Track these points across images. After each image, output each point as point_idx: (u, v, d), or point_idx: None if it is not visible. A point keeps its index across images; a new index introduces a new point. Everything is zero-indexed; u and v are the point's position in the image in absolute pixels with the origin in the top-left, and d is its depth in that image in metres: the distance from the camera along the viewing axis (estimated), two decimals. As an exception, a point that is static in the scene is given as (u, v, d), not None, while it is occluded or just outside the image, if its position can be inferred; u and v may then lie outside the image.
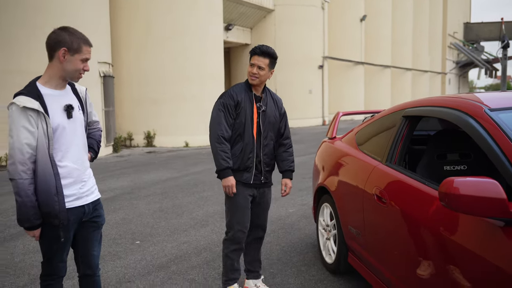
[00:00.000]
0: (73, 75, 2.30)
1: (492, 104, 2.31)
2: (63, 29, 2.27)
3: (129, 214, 5.74)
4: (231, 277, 3.21)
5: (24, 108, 2.16)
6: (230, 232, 3.15)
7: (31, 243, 4.61)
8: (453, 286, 2.09)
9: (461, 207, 1.82)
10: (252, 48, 3.12)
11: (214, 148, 3.03)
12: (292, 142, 3.39)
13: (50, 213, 2.25)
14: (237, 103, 3.05)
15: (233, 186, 3.02)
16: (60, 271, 2.47)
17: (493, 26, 44.99)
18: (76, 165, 2.36)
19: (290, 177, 3.28)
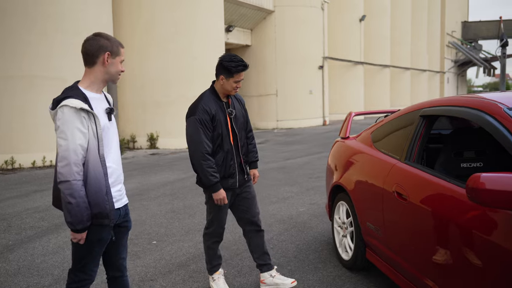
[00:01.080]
0: (115, 77, 2.41)
1: (510, 103, 2.40)
2: (98, 35, 2.37)
3: (142, 215, 5.82)
4: (215, 263, 3.46)
5: (78, 109, 2.22)
6: (211, 227, 3.39)
7: (49, 245, 4.69)
8: (479, 278, 2.18)
9: (487, 201, 1.92)
10: (233, 67, 3.12)
11: (200, 166, 3.13)
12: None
13: (101, 213, 2.29)
14: (213, 116, 3.15)
15: (224, 198, 3.20)
16: (93, 276, 2.48)
17: (491, 24, 45.21)
18: (117, 166, 2.44)
19: (257, 166, 3.53)
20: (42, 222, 5.59)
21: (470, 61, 42.07)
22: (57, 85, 10.19)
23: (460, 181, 2.44)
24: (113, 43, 2.36)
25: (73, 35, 10.46)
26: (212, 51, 14.24)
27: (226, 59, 3.16)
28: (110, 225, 2.34)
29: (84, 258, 2.39)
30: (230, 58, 3.16)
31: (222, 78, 3.17)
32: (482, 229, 2.19)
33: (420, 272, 2.66)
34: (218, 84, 3.24)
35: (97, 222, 2.30)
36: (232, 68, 3.12)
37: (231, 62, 3.13)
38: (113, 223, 2.35)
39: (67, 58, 10.34)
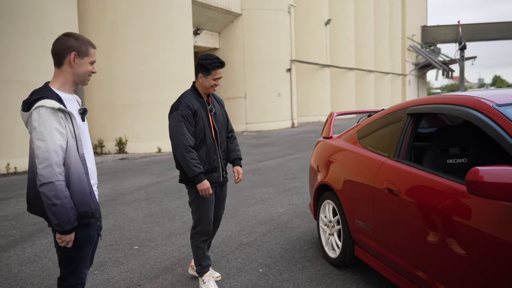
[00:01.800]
0: (84, 78, 2.35)
1: (498, 101, 2.51)
2: (67, 35, 2.32)
3: (119, 221, 5.68)
4: (204, 265, 3.49)
5: (55, 110, 2.18)
6: (198, 226, 3.43)
7: (25, 254, 4.50)
8: (474, 269, 2.26)
9: (486, 193, 1.99)
10: (209, 63, 3.27)
11: (183, 158, 3.22)
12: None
13: (87, 212, 2.26)
14: (194, 112, 3.29)
15: (209, 188, 3.26)
16: (84, 279, 2.44)
17: (449, 28, 47.03)
18: (94, 167, 2.43)
19: (240, 164, 3.64)
20: (13, 230, 5.37)
21: (429, 64, 43.59)
22: (18, 90, 9.84)
23: (451, 176, 2.52)
24: (82, 43, 2.31)
25: (37, 37, 10.12)
26: (182, 54, 14.11)
27: (202, 58, 3.34)
28: (96, 223, 2.34)
29: (74, 260, 2.35)
30: (206, 57, 3.33)
31: (201, 76, 3.34)
32: (475, 221, 2.27)
33: (413, 265, 2.73)
34: (198, 83, 3.40)
35: (84, 222, 2.28)
36: (208, 65, 3.28)
37: (206, 60, 3.30)
38: (99, 221, 2.36)
39: (30, 61, 9.99)
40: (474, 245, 2.27)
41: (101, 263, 4.19)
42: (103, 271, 3.99)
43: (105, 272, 3.96)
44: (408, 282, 2.84)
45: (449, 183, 2.49)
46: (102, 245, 4.72)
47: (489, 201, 2.20)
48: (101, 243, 4.79)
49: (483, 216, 2.24)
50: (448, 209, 2.44)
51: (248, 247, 4.49)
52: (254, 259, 4.14)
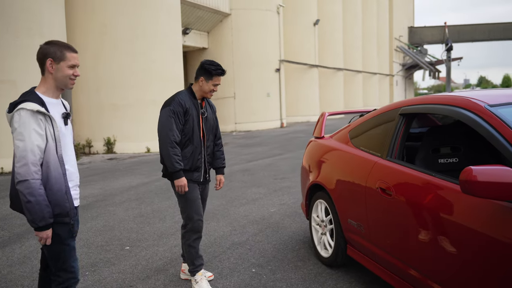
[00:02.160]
0: (64, 82, 2.43)
1: (489, 101, 2.55)
2: (47, 43, 2.44)
3: (109, 221, 5.64)
4: (197, 264, 3.53)
5: (34, 112, 2.29)
6: (189, 223, 3.47)
7: (14, 255, 4.45)
8: (466, 268, 2.29)
9: (480, 192, 2.02)
10: (212, 69, 3.39)
11: (166, 152, 3.32)
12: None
13: (62, 212, 2.39)
14: (186, 110, 3.39)
15: (185, 185, 3.36)
16: (77, 272, 2.55)
17: (435, 30, 47.54)
18: (74, 169, 2.55)
19: (223, 172, 3.78)
20: (1, 231, 5.29)
21: (416, 64, 44.03)
22: (6, 89, 9.70)
23: (444, 175, 2.56)
24: (57, 48, 2.40)
25: (24, 37, 9.99)
26: (170, 54, 14.04)
27: (207, 62, 3.45)
28: (71, 222, 2.45)
29: (61, 255, 2.47)
30: (211, 62, 3.45)
31: (202, 80, 3.43)
32: (468, 220, 2.30)
33: (406, 264, 2.76)
34: (197, 85, 3.48)
35: (59, 220, 2.39)
36: (212, 71, 3.40)
37: (211, 66, 3.42)
38: (73, 220, 2.46)
39: (18, 60, 9.85)
40: (466, 243, 2.31)
41: (92, 264, 4.15)
42: (94, 272, 3.96)
43: (97, 273, 3.93)
44: (400, 281, 2.87)
45: (442, 182, 2.52)
46: (92, 246, 4.68)
47: (482, 200, 2.24)
48: (92, 243, 4.75)
49: (475, 215, 2.28)
50: (441, 208, 2.47)
51: (240, 247, 4.49)
52: (246, 259, 4.15)
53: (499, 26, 46.90)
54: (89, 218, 5.78)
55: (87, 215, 5.93)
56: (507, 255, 2.07)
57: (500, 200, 2.05)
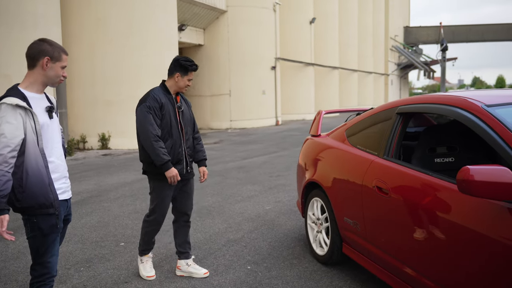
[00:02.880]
0: (54, 81, 2.57)
1: (486, 101, 2.56)
2: (42, 40, 2.54)
3: (104, 217, 5.62)
4: (146, 248, 3.73)
5: (14, 106, 2.39)
6: (152, 216, 3.62)
7: (8, 250, 4.43)
8: (461, 266, 2.31)
9: (477, 192, 2.04)
10: (189, 65, 3.49)
11: (151, 146, 3.37)
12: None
13: (46, 203, 2.47)
14: (161, 105, 3.46)
15: (177, 175, 3.43)
16: (52, 268, 2.61)
17: (431, 30, 47.69)
18: (60, 161, 2.63)
19: (206, 165, 3.83)
20: (-5, 226, 5.25)
21: (411, 64, 44.17)
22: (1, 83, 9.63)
23: (440, 174, 2.57)
24: (55, 49, 2.53)
25: (19, 30, 9.92)
26: (166, 50, 13.99)
27: (183, 59, 3.53)
28: (55, 213, 2.51)
29: (39, 249, 2.54)
30: (186, 58, 3.54)
31: (178, 76, 3.52)
32: (464, 219, 2.32)
33: (401, 263, 2.77)
34: (171, 81, 3.56)
35: (43, 212, 2.47)
36: (188, 67, 3.50)
37: (187, 62, 3.51)
38: (58, 211, 2.52)
39: (13, 54, 9.78)
40: (461, 242, 2.32)
41: (87, 259, 4.14)
42: (89, 267, 3.95)
43: (92, 268, 3.92)
44: (396, 279, 2.89)
45: (438, 181, 2.54)
46: (87, 241, 4.66)
47: (478, 200, 2.25)
48: (87, 239, 4.74)
49: (471, 214, 2.29)
50: (437, 207, 2.49)
51: (235, 244, 4.49)
52: (242, 256, 4.15)
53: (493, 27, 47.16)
54: (83, 214, 5.76)
55: (82, 211, 5.91)
56: (503, 254, 2.09)
57: (497, 199, 2.06)
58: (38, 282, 2.58)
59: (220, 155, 11.50)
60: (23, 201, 2.45)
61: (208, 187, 7.28)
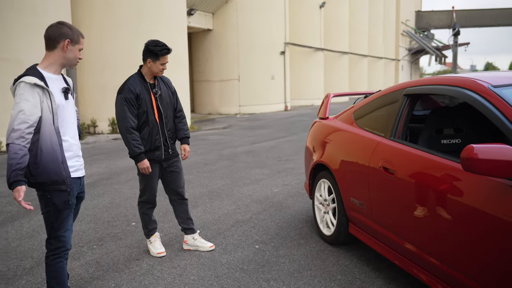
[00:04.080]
0: (72, 62, 2.68)
1: (493, 82, 2.58)
2: (61, 23, 2.65)
3: (116, 198, 5.74)
4: (151, 228, 3.87)
5: (32, 85, 2.49)
6: (143, 196, 3.80)
7: (23, 229, 4.55)
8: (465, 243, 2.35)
9: (480, 170, 2.07)
10: (158, 50, 3.53)
11: (125, 139, 3.52)
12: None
13: (58, 179, 2.58)
14: (137, 95, 3.54)
15: (148, 167, 3.57)
16: (67, 242, 2.72)
17: (443, 14, 46.96)
18: (74, 141, 2.75)
19: (188, 142, 3.89)
20: (10, 206, 5.40)
21: (423, 49, 43.63)
22: (13, 68, 9.71)
23: (445, 155, 2.61)
24: (74, 32, 2.64)
25: (30, 15, 9.98)
26: (175, 34, 13.98)
27: (152, 44, 3.57)
28: (67, 190, 2.62)
29: (53, 224, 2.66)
30: (155, 43, 3.57)
31: (150, 62, 3.58)
32: (469, 198, 2.35)
33: (407, 241, 2.82)
34: (145, 68, 3.63)
35: (55, 188, 2.59)
36: (158, 52, 3.54)
37: (156, 47, 3.55)
38: (70, 188, 2.63)
39: (24, 39, 9.86)
40: (466, 221, 2.36)
41: (99, 238, 4.25)
42: (102, 245, 4.06)
43: (104, 246, 4.04)
44: (401, 257, 2.95)
45: (444, 161, 2.57)
46: (99, 221, 4.78)
47: (483, 179, 2.28)
48: (99, 219, 4.85)
49: (476, 193, 2.33)
50: (442, 186, 2.52)
51: (244, 224, 4.58)
52: (250, 236, 4.24)
53: (507, 11, 46.25)
54: (95, 195, 5.88)
55: (94, 192, 6.03)
56: (507, 231, 2.13)
57: (500, 177, 2.10)
58: (53, 255, 2.70)
59: (229, 140, 11.57)
60: (37, 176, 2.55)
61: (217, 171, 7.37)
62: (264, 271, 3.46)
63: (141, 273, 3.47)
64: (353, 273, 3.38)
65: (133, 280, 3.36)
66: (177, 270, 3.52)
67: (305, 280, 3.28)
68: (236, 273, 3.44)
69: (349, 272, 3.41)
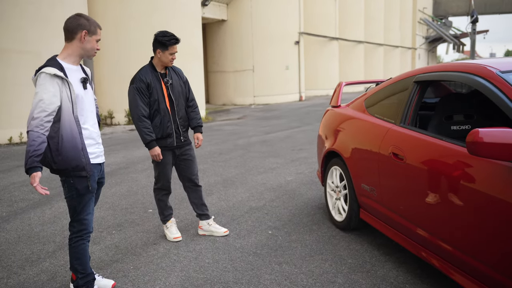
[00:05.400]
0: (90, 53, 2.78)
1: (501, 67, 2.60)
2: (79, 15, 2.74)
3: (133, 187, 5.89)
4: (167, 214, 4.00)
5: (52, 75, 2.61)
6: (158, 183, 3.91)
7: (45, 215, 4.73)
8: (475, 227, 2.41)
9: (485, 153, 2.12)
10: (166, 40, 3.61)
11: (137, 127, 3.65)
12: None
13: (78, 166, 2.70)
14: (148, 84, 3.66)
15: (159, 154, 3.69)
16: (89, 225, 2.86)
17: (461, 1, 46.03)
18: (94, 129, 2.86)
19: (201, 131, 3.99)
20: (32, 194, 5.60)
21: (440, 37, 42.90)
22: (31, 59, 9.96)
23: (454, 140, 2.65)
24: (91, 23, 2.73)
25: (47, 8, 10.17)
26: (189, 26, 14.07)
27: (160, 35, 3.67)
28: (87, 176, 2.74)
29: (76, 208, 2.80)
30: (163, 34, 3.67)
31: (159, 52, 3.68)
32: (477, 183, 2.40)
33: (416, 225, 2.89)
34: (156, 58, 3.74)
35: (76, 174, 2.72)
36: (166, 42, 3.63)
37: (164, 37, 3.64)
38: (90, 174, 2.75)
39: (42, 32, 10.07)
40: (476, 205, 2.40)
41: (118, 224, 4.41)
42: (120, 231, 4.21)
43: (122, 232, 4.18)
44: (411, 242, 3.01)
45: (453, 146, 2.61)
46: (118, 208, 4.94)
47: (491, 163, 2.32)
48: (117, 206, 5.01)
49: (485, 177, 2.36)
50: (451, 171, 2.57)
51: (257, 211, 4.68)
52: (263, 222, 4.34)
53: (528, -3, 45.09)
54: (113, 184, 6.04)
55: (112, 181, 6.19)
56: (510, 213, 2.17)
57: (505, 160, 2.14)
58: (76, 237, 2.85)
59: (243, 130, 11.67)
60: (59, 163, 2.68)
61: (232, 160, 7.48)
62: (277, 255, 3.56)
63: (158, 257, 3.60)
64: (364, 257, 3.46)
65: (151, 262, 3.50)
66: (193, 253, 3.64)
67: (316, 264, 3.37)
68: (249, 256, 3.55)
69: (359, 256, 3.48)
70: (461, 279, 2.53)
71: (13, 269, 3.46)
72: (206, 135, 10.62)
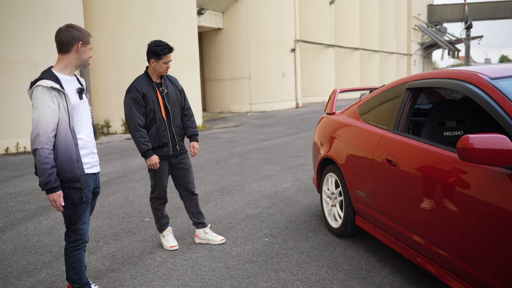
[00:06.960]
0: (86, 62, 2.84)
1: (491, 74, 2.64)
2: (70, 26, 2.77)
3: (129, 196, 5.89)
4: (163, 222, 4.02)
5: (49, 88, 2.62)
6: (155, 192, 3.93)
7: (41, 225, 4.73)
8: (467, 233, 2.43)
9: (476, 159, 2.15)
10: (159, 50, 3.64)
11: (133, 136, 3.67)
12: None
13: (73, 177, 2.70)
14: (143, 94, 3.68)
15: (156, 163, 3.72)
16: (84, 234, 2.87)
17: (455, 7, 46.40)
18: (89, 138, 2.86)
19: (196, 140, 4.00)
20: (28, 205, 5.59)
21: (435, 43, 43.18)
22: (28, 70, 9.98)
23: (447, 146, 2.68)
24: (84, 34, 2.78)
25: (44, 18, 10.22)
26: (186, 34, 14.14)
27: (153, 44, 3.70)
28: (82, 187, 2.74)
29: (71, 218, 2.81)
30: (156, 43, 3.70)
31: (153, 62, 3.71)
32: (469, 188, 2.42)
33: (411, 231, 2.90)
34: (150, 68, 3.77)
35: (71, 185, 2.71)
36: (159, 51, 3.66)
37: (157, 47, 3.67)
38: (84, 185, 2.75)
39: (39, 42, 10.11)
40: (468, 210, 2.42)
41: (114, 233, 4.41)
42: (117, 240, 4.21)
43: (119, 241, 4.18)
44: (406, 248, 3.03)
45: (445, 152, 2.64)
46: (114, 217, 4.94)
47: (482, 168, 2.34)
48: (114, 215, 5.01)
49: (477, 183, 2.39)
50: (444, 177, 2.59)
51: (254, 219, 4.69)
52: (260, 229, 4.35)
53: (521, 3, 45.52)
54: (110, 193, 6.04)
55: (108, 190, 6.20)
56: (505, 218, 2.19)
57: (495, 165, 2.17)
58: (72, 247, 2.85)
59: (240, 137, 11.69)
60: None
61: (229, 168, 7.49)
62: (273, 262, 3.57)
63: (154, 265, 3.61)
64: (360, 263, 3.47)
65: (147, 272, 3.50)
66: (189, 262, 3.65)
67: (312, 271, 3.38)
68: (246, 264, 3.56)
69: (355, 262, 3.50)
70: (456, 285, 2.55)
71: (10, 279, 3.45)
72: (203, 143, 10.65)
